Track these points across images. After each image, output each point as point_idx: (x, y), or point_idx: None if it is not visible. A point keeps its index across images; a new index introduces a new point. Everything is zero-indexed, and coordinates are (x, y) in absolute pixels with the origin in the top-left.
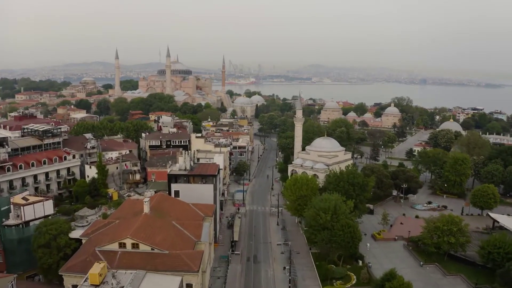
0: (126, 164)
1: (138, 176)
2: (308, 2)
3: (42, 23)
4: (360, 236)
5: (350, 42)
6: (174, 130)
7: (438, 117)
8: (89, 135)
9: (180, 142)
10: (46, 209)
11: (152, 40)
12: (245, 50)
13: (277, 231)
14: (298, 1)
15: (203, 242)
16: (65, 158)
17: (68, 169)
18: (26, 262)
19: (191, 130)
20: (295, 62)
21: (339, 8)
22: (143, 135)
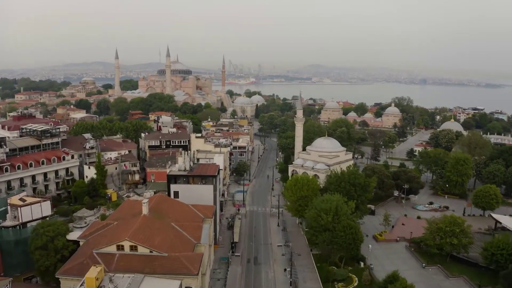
0: (125, 164)
1: (137, 176)
2: (308, 2)
3: (42, 23)
4: (361, 237)
5: (350, 42)
6: (174, 130)
7: (438, 117)
8: (88, 135)
9: (179, 142)
10: (44, 210)
11: (152, 40)
12: (245, 50)
13: (277, 232)
14: (298, 1)
15: (203, 244)
16: (63, 159)
17: (66, 169)
18: (24, 264)
19: (191, 130)
20: (295, 62)
21: (339, 8)
22: (143, 135)
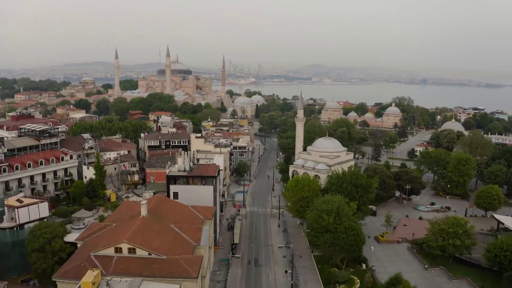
0: (124, 164)
1: (136, 177)
2: (308, 2)
3: (42, 23)
4: (363, 239)
5: (350, 42)
6: (174, 130)
7: (439, 117)
8: (87, 135)
9: (179, 142)
10: (41, 211)
11: (152, 40)
12: (245, 50)
13: (278, 233)
14: (298, 1)
15: (203, 246)
16: (62, 159)
17: (65, 169)
18: (21, 266)
19: (191, 130)
20: (295, 62)
21: (339, 8)
22: (142, 135)
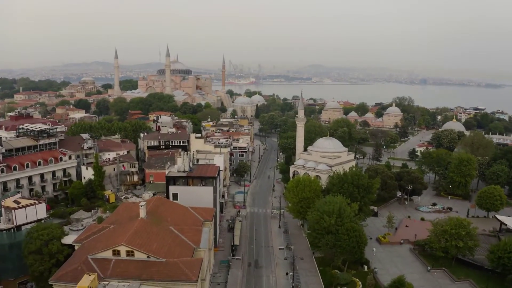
0: (123, 165)
1: (136, 177)
2: (308, 2)
3: (42, 23)
4: (366, 240)
5: (350, 42)
6: (173, 130)
7: (439, 117)
8: (86, 136)
9: (179, 142)
10: (39, 212)
11: (152, 40)
12: (245, 50)
13: (279, 235)
14: (298, 1)
15: (203, 248)
16: (61, 159)
17: (64, 170)
18: (18, 268)
19: (191, 130)
20: (295, 62)
21: (339, 8)
22: (142, 135)
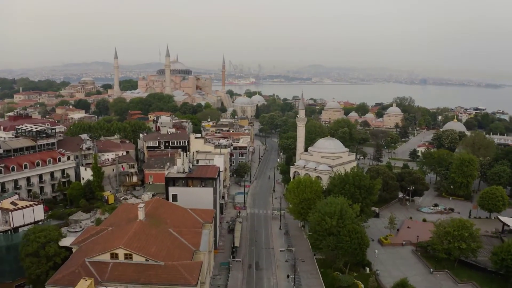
0: (122, 165)
1: (135, 178)
2: (308, 2)
3: (42, 23)
4: (368, 242)
5: (350, 42)
6: (173, 130)
7: (440, 117)
8: (84, 136)
9: (179, 143)
10: (36, 214)
11: (152, 40)
12: (245, 50)
13: (279, 236)
14: (298, 1)
15: (202, 251)
16: (59, 160)
17: (62, 171)
18: (16, 270)
19: (191, 130)
20: (295, 62)
21: (339, 8)
22: (141, 136)
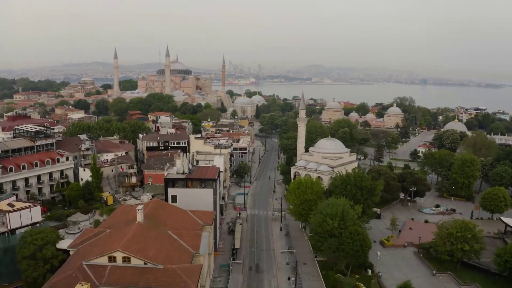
0: (122, 166)
1: (134, 179)
2: (308, 2)
3: (42, 23)
4: (370, 244)
5: (350, 42)
6: (173, 130)
7: (441, 117)
8: (83, 136)
9: (178, 143)
10: (34, 216)
11: (152, 40)
12: (245, 50)
13: (280, 238)
14: (298, 1)
15: (202, 254)
16: (58, 160)
17: (61, 171)
18: (13, 273)
19: (191, 130)
20: (295, 62)
21: (339, 8)
22: (141, 136)
